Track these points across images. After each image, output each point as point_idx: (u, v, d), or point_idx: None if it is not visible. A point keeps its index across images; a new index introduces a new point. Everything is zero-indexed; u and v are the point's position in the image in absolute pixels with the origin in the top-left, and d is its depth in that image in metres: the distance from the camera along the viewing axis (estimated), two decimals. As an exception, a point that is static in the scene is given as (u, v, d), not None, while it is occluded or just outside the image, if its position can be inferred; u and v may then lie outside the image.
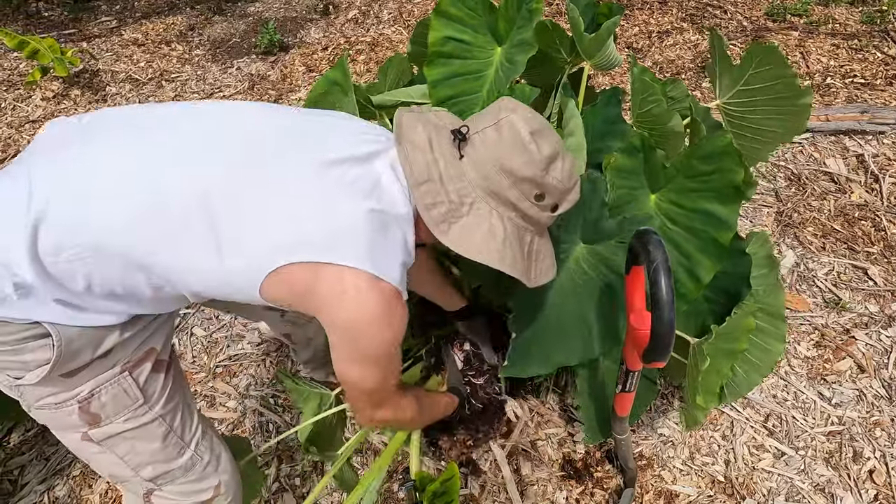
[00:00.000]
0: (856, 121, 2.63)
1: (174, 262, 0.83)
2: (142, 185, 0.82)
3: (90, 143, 0.86)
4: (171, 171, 0.83)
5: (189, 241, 0.82)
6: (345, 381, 0.96)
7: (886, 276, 2.04)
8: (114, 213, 0.80)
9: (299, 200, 0.85)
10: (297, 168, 0.87)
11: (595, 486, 1.55)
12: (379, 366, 0.95)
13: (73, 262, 0.79)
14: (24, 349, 0.82)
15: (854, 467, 1.55)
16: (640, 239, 0.94)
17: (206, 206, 0.82)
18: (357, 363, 0.94)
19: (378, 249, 0.87)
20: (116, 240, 0.80)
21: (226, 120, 0.93)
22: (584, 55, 1.53)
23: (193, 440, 1.04)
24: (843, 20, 3.48)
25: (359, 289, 0.85)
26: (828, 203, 2.33)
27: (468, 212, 0.94)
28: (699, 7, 3.75)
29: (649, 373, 1.48)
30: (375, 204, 0.88)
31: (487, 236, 0.93)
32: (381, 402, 1.03)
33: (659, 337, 0.90)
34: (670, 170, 1.27)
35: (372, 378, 0.96)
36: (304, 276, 0.84)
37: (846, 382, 1.74)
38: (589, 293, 1.24)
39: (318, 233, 0.84)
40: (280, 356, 1.93)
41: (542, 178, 0.93)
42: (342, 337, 0.91)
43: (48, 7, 4.38)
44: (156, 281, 0.85)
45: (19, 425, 1.77)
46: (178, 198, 0.82)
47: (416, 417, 1.15)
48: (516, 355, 1.25)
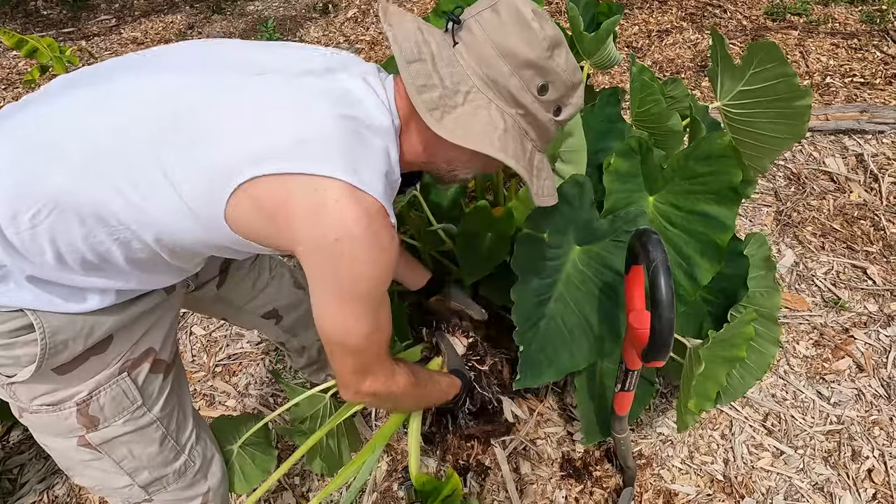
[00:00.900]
0: (855, 120, 2.63)
1: (131, 203, 0.76)
2: (80, 129, 0.76)
3: (34, 104, 0.81)
4: (111, 109, 0.78)
5: (141, 174, 0.75)
6: (327, 335, 0.85)
7: (885, 275, 2.04)
8: (56, 166, 0.75)
9: (257, 113, 0.77)
10: (253, 85, 0.80)
11: (594, 484, 1.55)
12: (366, 306, 0.83)
13: (35, 227, 0.75)
14: (15, 343, 0.80)
15: (853, 466, 1.55)
16: (640, 239, 0.94)
17: (155, 136, 0.75)
18: (340, 303, 0.82)
19: (355, 158, 0.77)
20: (65, 193, 0.75)
21: (168, 57, 0.86)
22: (583, 54, 1.53)
23: (188, 444, 1.04)
24: (842, 19, 3.48)
25: (337, 201, 0.74)
26: (827, 202, 2.34)
27: (463, 101, 0.83)
28: (699, 6, 3.75)
29: (647, 372, 1.49)
30: (347, 110, 0.79)
31: (487, 127, 0.83)
32: (368, 367, 0.91)
33: (658, 336, 0.90)
34: (668, 171, 1.27)
35: (358, 327, 0.84)
36: (273, 192, 0.75)
37: (845, 381, 1.75)
38: (589, 294, 1.25)
39: (284, 141, 0.75)
40: (279, 355, 1.93)
41: (546, 61, 0.84)
42: (323, 265, 0.79)
43: (47, 6, 4.38)
44: (120, 234, 0.78)
45: (18, 425, 1.77)
46: (134, 125, 0.76)
47: (410, 394, 1.03)
48: (526, 366, 1.24)
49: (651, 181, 1.29)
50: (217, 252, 0.88)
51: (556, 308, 1.26)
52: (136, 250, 0.81)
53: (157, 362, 0.96)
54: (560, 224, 1.23)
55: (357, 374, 0.91)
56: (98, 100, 0.79)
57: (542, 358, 1.25)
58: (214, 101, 0.78)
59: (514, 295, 1.21)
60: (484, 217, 1.43)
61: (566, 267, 1.27)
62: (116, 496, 1.02)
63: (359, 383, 0.92)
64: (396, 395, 0.99)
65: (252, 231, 0.79)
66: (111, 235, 0.78)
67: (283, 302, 1.36)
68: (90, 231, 0.77)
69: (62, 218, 0.75)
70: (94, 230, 0.77)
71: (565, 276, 1.27)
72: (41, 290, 0.79)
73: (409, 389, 1.02)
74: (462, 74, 0.84)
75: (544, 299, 1.26)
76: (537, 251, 1.23)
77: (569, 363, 1.25)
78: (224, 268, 1.20)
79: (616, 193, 1.28)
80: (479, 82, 0.84)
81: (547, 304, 1.26)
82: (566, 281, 1.26)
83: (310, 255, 0.79)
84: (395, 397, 1.00)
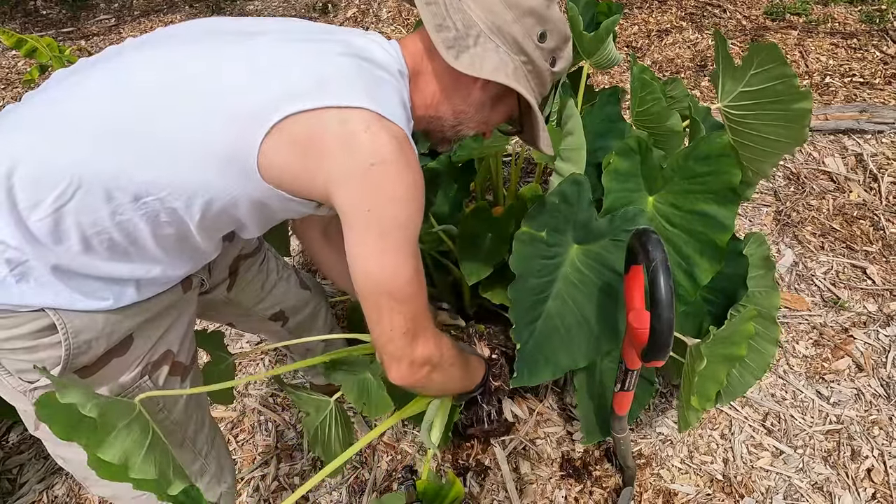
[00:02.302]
0: (854, 120, 2.63)
1: (158, 167, 0.77)
2: (94, 106, 0.77)
3: (38, 95, 0.83)
4: (122, 83, 0.79)
5: (166, 137, 0.77)
6: (374, 283, 0.82)
7: (885, 275, 2.04)
8: (75, 143, 0.76)
9: (273, 63, 0.80)
10: (262, 41, 0.83)
11: (594, 484, 1.55)
12: (408, 241, 0.82)
13: (59, 210, 0.75)
14: (38, 346, 0.80)
15: (852, 466, 1.55)
16: (639, 238, 0.94)
17: (174, 100, 0.77)
18: (382, 239, 0.80)
19: (375, 91, 0.80)
20: (89, 168, 0.75)
21: (166, 34, 0.88)
22: (583, 54, 1.53)
23: (205, 448, 1.03)
24: (842, 19, 3.48)
25: (367, 129, 0.77)
26: (826, 202, 2.34)
27: (474, 43, 0.87)
28: (698, 6, 3.75)
29: (647, 372, 1.49)
30: (358, 54, 0.83)
31: (499, 64, 0.88)
32: (419, 322, 0.87)
33: (658, 336, 0.90)
34: (667, 171, 1.27)
35: (405, 267, 0.82)
36: (304, 128, 0.77)
37: (844, 381, 1.75)
38: (588, 293, 1.24)
39: (306, 82, 0.78)
40: (279, 355, 1.93)
41: (546, 10, 0.90)
42: (360, 197, 0.79)
43: (46, 5, 4.38)
44: (148, 206, 0.78)
45: (18, 424, 1.77)
46: (147, 93, 0.78)
47: (457, 362, 1.01)
48: (524, 364, 1.24)
49: (650, 181, 1.30)
50: (244, 217, 0.87)
51: (553, 307, 1.26)
52: (164, 224, 0.81)
53: (176, 364, 0.96)
54: (558, 223, 1.23)
55: (409, 336, 0.86)
56: (107, 77, 0.80)
57: (539, 356, 1.25)
58: (228, 59, 0.80)
59: (511, 293, 1.22)
60: (484, 217, 1.43)
61: (564, 266, 1.27)
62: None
63: (412, 347, 0.87)
64: (446, 364, 0.96)
65: (285, 175, 0.80)
66: (139, 209, 0.78)
67: (290, 303, 1.36)
68: (117, 206, 0.77)
69: (88, 196, 0.76)
70: (122, 204, 0.77)
71: (563, 274, 1.27)
72: (63, 285, 0.79)
73: (455, 355, 0.99)
74: (471, 20, 0.87)
75: (542, 298, 1.26)
76: (535, 250, 1.23)
77: (567, 362, 1.25)
78: (233, 269, 1.21)
79: (615, 192, 1.28)
80: (486, 29, 0.88)
81: (545, 302, 1.26)
82: (564, 280, 1.26)
83: (345, 189, 0.79)
84: (445, 367, 0.96)
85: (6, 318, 0.78)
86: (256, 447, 1.70)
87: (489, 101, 0.95)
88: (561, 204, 1.21)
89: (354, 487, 1.58)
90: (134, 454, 0.74)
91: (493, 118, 1.00)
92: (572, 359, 1.25)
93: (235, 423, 1.76)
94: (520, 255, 1.21)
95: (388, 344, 0.86)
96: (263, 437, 1.72)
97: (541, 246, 1.23)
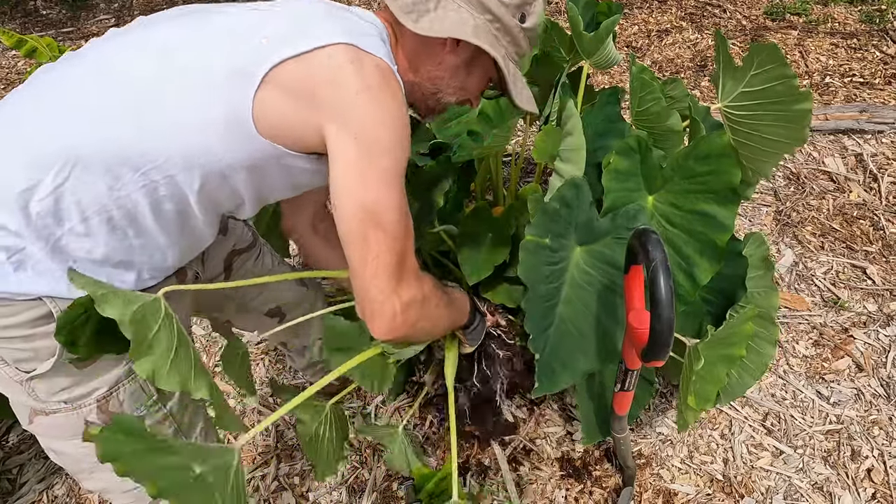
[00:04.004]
0: (854, 120, 2.63)
1: (155, 136, 0.79)
2: (83, 85, 0.80)
3: (26, 88, 0.84)
4: (110, 63, 0.82)
5: (159, 106, 0.79)
6: (363, 210, 0.81)
7: (885, 275, 2.04)
8: (70, 121, 0.78)
9: (257, 24, 0.83)
10: (236, 10, 0.86)
11: (594, 484, 1.55)
12: (394, 171, 0.82)
13: (59, 188, 0.76)
14: (35, 335, 0.80)
15: (852, 466, 1.55)
16: (639, 238, 0.94)
17: (163, 71, 0.80)
18: (369, 166, 0.80)
19: (357, 33, 0.83)
20: (86, 142, 0.77)
21: (146, 21, 0.91)
22: (583, 54, 1.53)
23: (198, 441, 1.04)
24: (842, 19, 3.48)
25: (352, 61, 0.79)
26: (826, 202, 2.34)
27: (435, 7, 0.89)
28: (698, 6, 3.75)
29: (647, 372, 1.49)
30: (341, 14, 0.86)
31: (458, 21, 0.89)
32: (405, 261, 0.85)
33: (658, 336, 0.90)
34: (667, 171, 1.27)
35: (391, 197, 0.82)
36: (293, 73, 0.80)
37: (844, 381, 1.75)
38: (596, 294, 1.24)
39: (290, 30, 0.81)
40: (279, 355, 1.93)
41: None
42: (346, 126, 0.80)
43: (46, 5, 4.38)
44: (147, 178, 0.79)
45: (17, 424, 1.77)
46: (138, 67, 0.80)
47: (440, 302, 0.99)
48: (543, 374, 1.24)
49: (650, 181, 1.30)
50: (242, 187, 0.88)
51: (564, 311, 1.25)
52: (163, 199, 0.82)
53: None
54: (560, 227, 1.23)
55: (394, 277, 0.84)
56: (98, 59, 0.83)
57: (556, 363, 1.24)
58: (210, 28, 0.84)
59: (525, 304, 1.21)
60: (484, 218, 1.43)
61: (570, 269, 1.27)
62: (125, 499, 1.01)
63: (398, 291, 0.84)
64: (430, 305, 0.93)
65: (281, 126, 0.82)
66: (138, 182, 0.79)
67: (287, 299, 1.37)
68: (116, 180, 0.78)
69: (86, 172, 0.77)
70: (121, 177, 0.79)
71: (570, 278, 1.27)
72: (61, 272, 0.80)
73: (438, 294, 0.98)
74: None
75: (552, 304, 1.25)
76: (541, 257, 1.23)
77: (584, 365, 1.24)
78: (228, 264, 1.21)
79: (615, 192, 1.28)
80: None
81: (555, 308, 1.26)
82: (571, 283, 1.26)
83: (334, 122, 0.80)
84: (429, 309, 0.93)
85: (3, 307, 0.78)
86: (256, 447, 1.70)
87: (462, 64, 0.96)
88: (562, 208, 1.21)
89: (354, 487, 1.58)
90: (161, 366, 0.76)
91: (471, 83, 1.01)
92: (589, 361, 1.24)
93: (235, 423, 1.76)
94: (527, 264, 1.21)
95: (371, 286, 0.83)
96: (263, 437, 1.72)
97: (546, 252, 1.23)
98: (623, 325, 1.22)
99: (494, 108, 1.47)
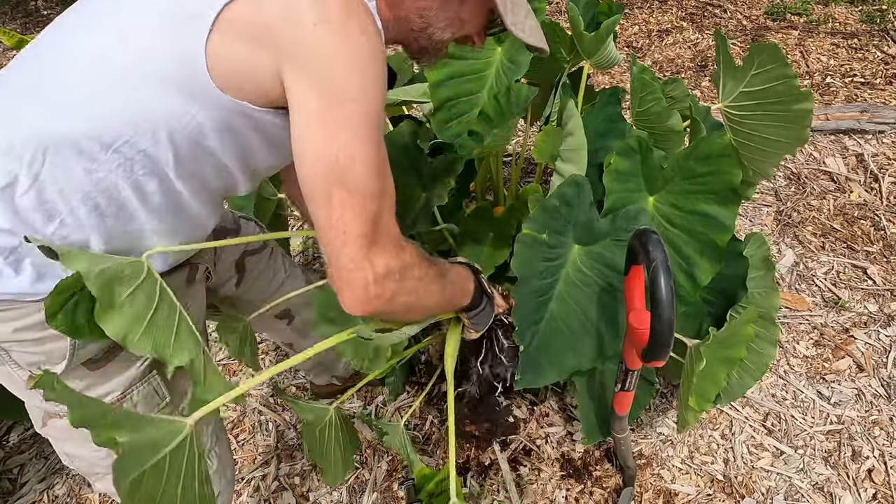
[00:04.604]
0: (855, 120, 2.63)
1: (119, 107, 0.73)
2: (39, 72, 0.76)
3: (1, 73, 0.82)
4: (77, 31, 0.78)
5: (122, 64, 0.73)
6: (326, 167, 0.71)
7: (886, 275, 2.04)
8: (31, 106, 0.75)
9: None
10: None
11: (594, 484, 1.55)
12: (366, 118, 0.72)
13: (38, 180, 0.73)
14: (45, 338, 0.79)
15: (853, 466, 1.55)
16: (640, 239, 0.94)
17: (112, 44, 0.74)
18: (334, 112, 0.70)
19: None
20: (54, 125, 0.73)
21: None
22: (583, 54, 1.53)
23: (208, 443, 1.03)
24: (842, 19, 3.48)
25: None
26: (827, 202, 2.34)
27: None
28: (699, 6, 3.75)
29: (647, 372, 1.49)
30: None
31: None
32: (377, 229, 0.74)
33: (658, 336, 0.90)
34: (668, 171, 1.27)
35: (363, 150, 0.71)
36: (244, 13, 0.71)
37: (845, 381, 1.75)
38: (591, 294, 1.24)
39: None
40: (279, 355, 1.93)
41: None
42: (306, 66, 0.70)
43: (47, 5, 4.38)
44: (121, 155, 0.75)
45: (18, 424, 1.77)
46: (93, 39, 0.76)
47: (427, 276, 0.86)
48: (528, 366, 1.24)
49: (651, 181, 1.30)
50: (220, 152, 0.81)
51: (557, 308, 1.26)
52: (143, 179, 0.77)
53: None
54: (559, 224, 1.23)
55: (365, 243, 0.73)
56: (48, 44, 0.79)
57: (542, 359, 1.25)
58: None
59: (515, 296, 1.21)
60: (484, 218, 1.43)
61: (566, 267, 1.27)
62: None
63: (370, 259, 0.73)
64: (412, 277, 0.81)
65: (238, 75, 0.73)
66: (112, 161, 0.75)
67: (297, 300, 1.36)
68: (91, 161, 0.74)
69: (58, 156, 0.73)
70: (94, 157, 0.74)
71: (565, 275, 1.27)
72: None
73: (424, 266, 0.85)
74: None
75: (544, 300, 1.25)
76: (537, 252, 1.23)
77: (573, 363, 1.25)
78: (241, 266, 1.21)
79: (616, 193, 1.28)
80: None
81: (547, 304, 1.26)
82: (566, 281, 1.26)
83: (289, 64, 0.70)
84: (411, 282, 0.81)
85: (12, 310, 0.77)
86: (257, 447, 1.70)
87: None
88: (562, 206, 1.21)
89: (355, 487, 1.58)
90: (133, 329, 0.71)
91: (466, 13, 0.89)
92: (578, 360, 1.25)
93: (236, 423, 1.76)
94: (521, 257, 1.21)
95: (339, 253, 0.73)
96: (264, 437, 1.72)
97: (542, 248, 1.23)
98: (616, 328, 1.22)
99: (495, 108, 1.46)
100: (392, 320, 0.98)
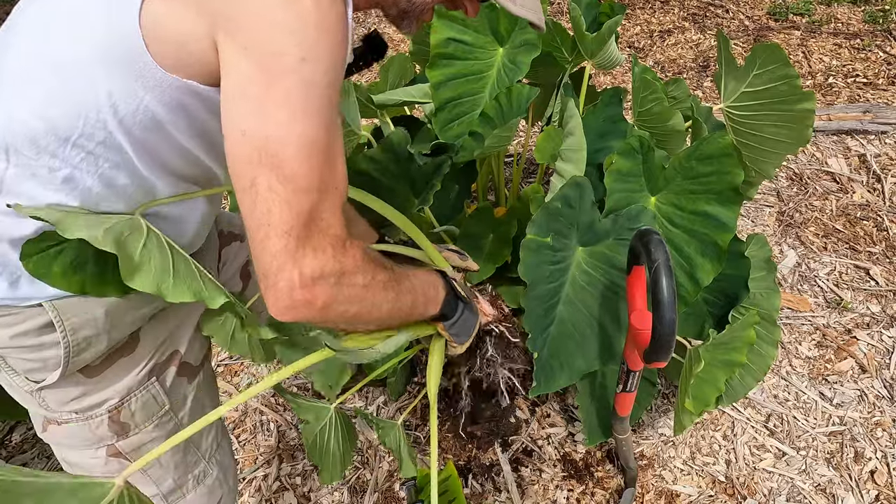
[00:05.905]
0: (858, 120, 2.62)
1: (63, 89, 0.67)
2: (6, 51, 0.71)
3: None
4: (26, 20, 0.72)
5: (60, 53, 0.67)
6: (253, 145, 0.60)
7: (888, 276, 2.04)
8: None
9: None
10: None
11: (596, 485, 1.55)
12: (308, 92, 0.60)
13: (5, 183, 0.69)
14: (42, 345, 0.78)
15: (855, 468, 1.55)
16: (641, 239, 0.94)
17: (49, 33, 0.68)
18: (269, 85, 0.59)
19: None
20: (11, 121, 0.68)
21: None
22: (585, 54, 1.53)
23: (209, 450, 1.02)
24: (845, 19, 3.47)
25: None
26: (829, 203, 2.33)
27: None
28: (701, 6, 3.74)
29: (649, 373, 1.48)
30: None
31: None
32: (312, 224, 0.62)
33: (660, 337, 0.90)
34: (669, 171, 1.27)
35: (297, 127, 0.60)
36: None
37: (847, 382, 1.74)
38: (596, 295, 1.24)
39: None
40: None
41: None
42: (238, 29, 0.60)
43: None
44: (81, 148, 0.69)
45: (21, 424, 1.78)
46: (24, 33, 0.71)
47: (380, 283, 0.73)
48: (541, 373, 1.24)
49: (652, 181, 1.29)
50: (178, 134, 0.73)
51: (564, 311, 1.25)
52: (112, 174, 0.71)
53: (183, 365, 0.94)
54: (562, 227, 1.23)
55: (295, 243, 0.61)
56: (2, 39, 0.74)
57: (554, 363, 1.24)
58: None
59: (524, 302, 1.21)
60: (486, 218, 1.43)
61: (571, 269, 1.27)
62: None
63: (298, 259, 0.62)
64: (355, 283, 0.69)
65: (175, 45, 0.64)
66: (74, 158, 0.69)
67: None
68: (52, 158, 0.68)
69: (20, 156, 0.69)
70: (56, 154, 0.68)
71: (571, 278, 1.26)
72: None
73: (374, 270, 0.72)
74: None
75: (552, 304, 1.25)
76: (542, 256, 1.23)
77: (583, 365, 1.24)
78: (245, 275, 1.20)
79: (617, 193, 1.28)
80: None
81: (555, 308, 1.25)
82: (572, 283, 1.26)
83: (222, 30, 0.60)
84: (353, 290, 0.69)
85: (8, 316, 0.76)
86: (258, 447, 1.70)
87: None
88: (564, 208, 1.21)
89: (356, 488, 1.58)
90: (164, 280, 0.68)
91: None
92: (588, 362, 1.24)
93: (237, 423, 1.76)
94: (528, 263, 1.21)
95: (261, 249, 0.62)
96: (265, 436, 1.72)
97: (547, 252, 1.23)
98: (623, 327, 1.21)
99: (496, 109, 1.47)
100: (338, 329, 0.85)
